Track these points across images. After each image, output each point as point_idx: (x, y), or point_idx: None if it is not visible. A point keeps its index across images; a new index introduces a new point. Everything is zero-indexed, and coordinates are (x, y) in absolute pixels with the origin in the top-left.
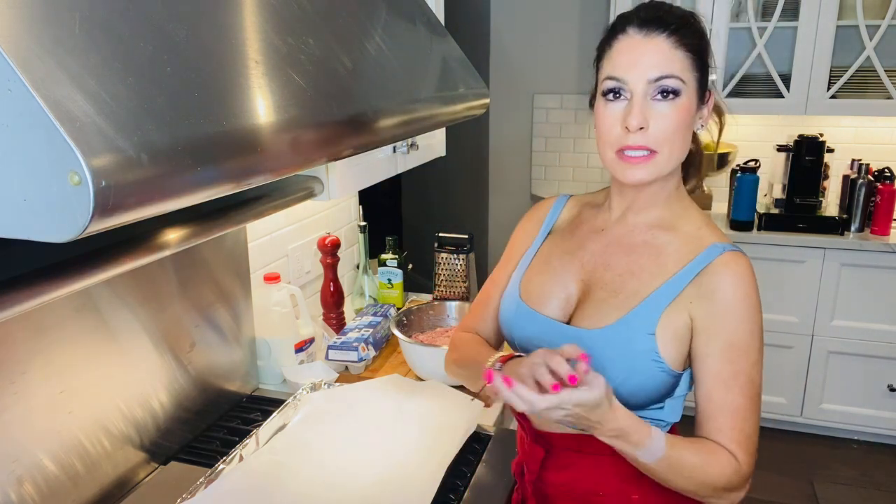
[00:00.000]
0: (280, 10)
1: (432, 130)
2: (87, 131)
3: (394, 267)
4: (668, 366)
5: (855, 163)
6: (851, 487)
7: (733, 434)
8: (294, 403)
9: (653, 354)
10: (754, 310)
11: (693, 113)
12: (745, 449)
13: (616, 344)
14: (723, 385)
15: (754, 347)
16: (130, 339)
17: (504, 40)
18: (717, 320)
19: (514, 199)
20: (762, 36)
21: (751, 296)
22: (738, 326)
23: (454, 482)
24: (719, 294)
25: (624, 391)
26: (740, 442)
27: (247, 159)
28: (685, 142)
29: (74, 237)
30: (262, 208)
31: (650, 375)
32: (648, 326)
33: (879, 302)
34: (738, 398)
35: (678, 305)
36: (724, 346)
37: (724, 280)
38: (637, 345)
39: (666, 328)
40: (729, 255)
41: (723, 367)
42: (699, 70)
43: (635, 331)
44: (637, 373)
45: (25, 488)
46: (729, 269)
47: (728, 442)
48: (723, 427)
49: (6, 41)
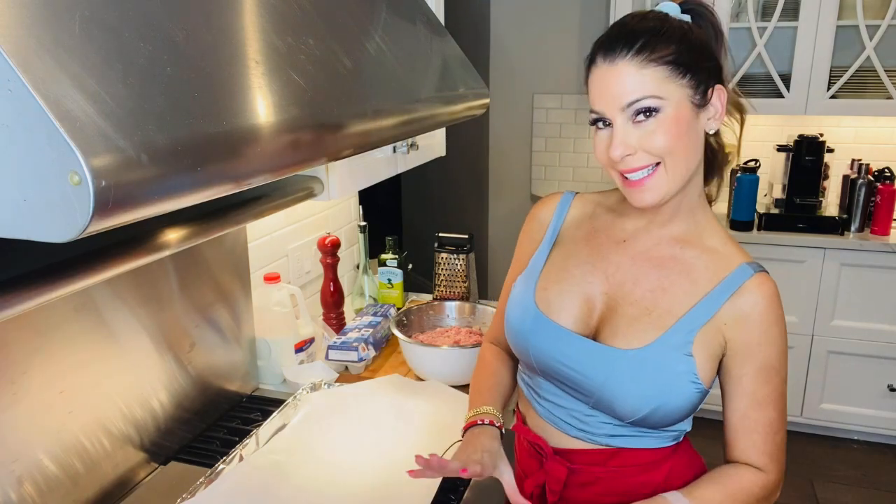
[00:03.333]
0: (280, 10)
1: (432, 130)
2: (87, 131)
3: (394, 267)
4: (704, 385)
5: (855, 163)
6: (851, 487)
7: (766, 447)
8: (294, 403)
9: (691, 376)
10: (783, 330)
11: (691, 119)
12: (776, 459)
13: (654, 365)
14: (758, 404)
15: (784, 365)
16: (130, 339)
17: (504, 40)
18: (753, 343)
19: (514, 199)
20: (762, 36)
21: (782, 318)
22: (772, 349)
23: (454, 482)
24: (754, 317)
25: (660, 413)
26: (772, 454)
27: (247, 159)
28: (691, 150)
29: (74, 237)
30: (262, 208)
31: (687, 396)
32: (686, 347)
33: (879, 302)
34: (771, 413)
35: (713, 326)
36: (759, 367)
37: (759, 304)
38: (676, 366)
39: (702, 349)
40: (761, 277)
41: (758, 388)
42: (684, 75)
43: (674, 351)
44: (675, 394)
45: (25, 488)
46: (762, 293)
47: (760, 455)
48: (757, 442)
49: (6, 41)
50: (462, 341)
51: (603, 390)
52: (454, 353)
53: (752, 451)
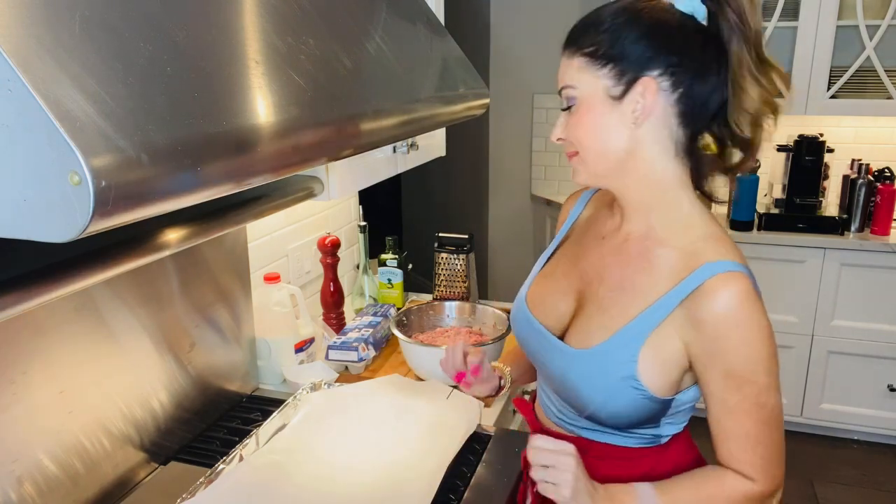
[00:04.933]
0: (280, 10)
1: (432, 130)
2: (87, 131)
3: (394, 267)
4: (651, 392)
5: (855, 163)
6: (851, 487)
7: (746, 457)
8: (294, 403)
9: (632, 382)
10: (754, 335)
11: (604, 111)
12: (763, 470)
13: (597, 367)
14: (729, 413)
15: (760, 373)
16: (130, 339)
17: (504, 40)
18: (710, 349)
19: (514, 199)
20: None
21: (746, 322)
22: (736, 355)
23: (454, 482)
24: (709, 321)
25: (603, 414)
26: (755, 465)
27: (247, 159)
28: (605, 142)
29: (74, 237)
30: (262, 208)
31: (629, 401)
32: (631, 352)
33: (879, 302)
34: (746, 423)
35: (666, 330)
36: (722, 374)
37: (714, 305)
38: (618, 370)
39: (651, 355)
40: (722, 276)
41: (727, 395)
42: (603, 66)
43: (617, 355)
44: (616, 399)
45: (25, 488)
46: (718, 295)
47: (742, 466)
48: (734, 452)
49: (6, 41)
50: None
51: (562, 386)
52: None
53: (732, 459)
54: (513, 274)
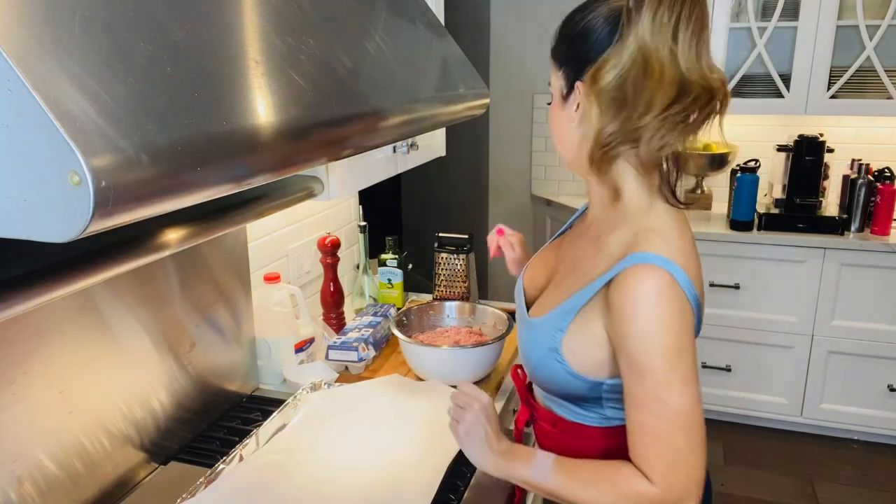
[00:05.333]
0: (280, 10)
1: (432, 130)
2: (87, 131)
3: (394, 267)
4: (571, 368)
5: (855, 163)
6: (851, 487)
7: (643, 453)
8: (294, 403)
9: (555, 354)
10: (655, 327)
11: (558, 109)
12: (659, 472)
13: (534, 336)
14: (633, 403)
15: (658, 366)
16: (130, 339)
17: (504, 40)
18: (617, 336)
19: (514, 199)
20: (762, 36)
21: (647, 313)
22: (636, 345)
23: (454, 482)
24: (616, 308)
25: (537, 380)
26: (651, 463)
27: (247, 159)
28: (563, 139)
29: (74, 237)
30: (262, 208)
31: (553, 372)
32: (559, 326)
33: (879, 302)
34: (645, 417)
35: (590, 311)
36: (626, 363)
37: (622, 295)
38: (546, 342)
39: (575, 331)
40: (638, 267)
41: (631, 385)
42: (559, 67)
43: (548, 328)
44: (543, 367)
45: (25, 488)
46: (628, 284)
47: (640, 461)
48: (635, 445)
49: (6, 41)
50: (462, 341)
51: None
52: (454, 353)
53: (633, 453)
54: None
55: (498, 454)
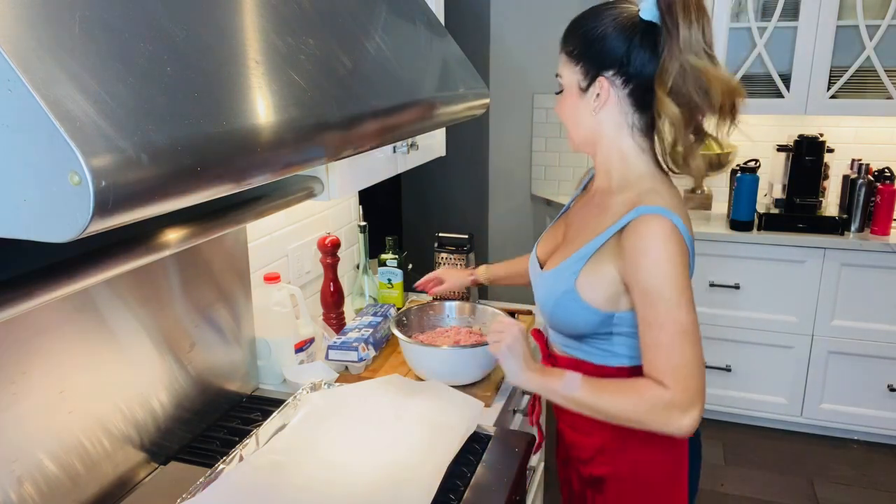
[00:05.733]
0: (280, 10)
1: (432, 130)
2: (87, 131)
3: (394, 267)
4: (587, 304)
5: (855, 163)
6: (851, 487)
7: (660, 364)
8: (294, 403)
9: (572, 294)
10: (660, 259)
11: (576, 99)
12: (675, 378)
13: (552, 282)
14: (647, 326)
15: (671, 291)
16: (130, 339)
17: (504, 40)
18: (632, 272)
19: (514, 199)
20: (762, 36)
21: (656, 248)
22: (649, 275)
23: (454, 482)
24: (628, 249)
25: (555, 319)
26: (666, 372)
27: (247, 159)
28: (578, 125)
29: (74, 237)
30: (262, 208)
31: (569, 311)
32: (574, 270)
33: (879, 302)
34: (659, 335)
35: (601, 257)
36: (640, 292)
37: (635, 237)
38: (563, 285)
39: (589, 273)
40: (645, 216)
41: (646, 311)
42: (577, 63)
43: (564, 273)
44: (561, 307)
45: (25, 488)
46: (640, 229)
47: (657, 373)
48: (651, 360)
49: (6, 41)
50: (462, 341)
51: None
52: (454, 353)
53: (650, 368)
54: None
55: (534, 370)
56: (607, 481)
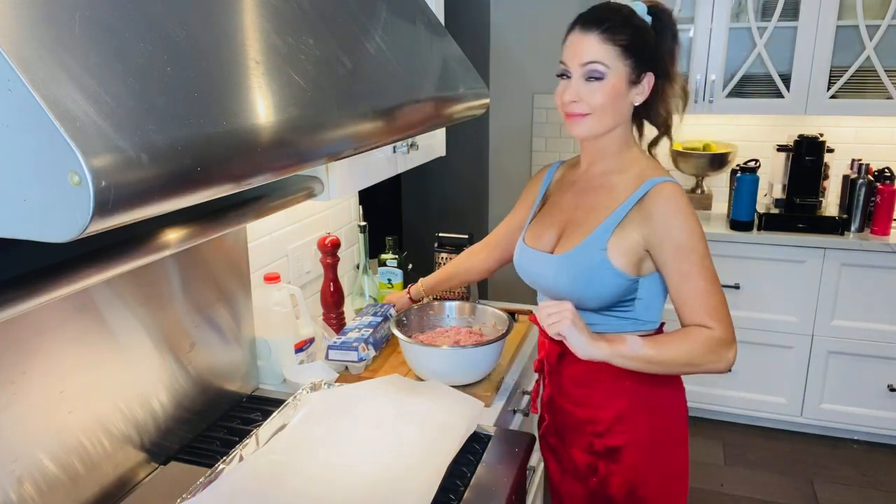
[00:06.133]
0: (280, 10)
1: (432, 130)
2: (87, 131)
3: (394, 267)
4: (620, 270)
5: (855, 163)
6: (851, 487)
7: (705, 309)
8: (294, 403)
9: (606, 264)
10: (687, 218)
11: (623, 90)
12: (717, 317)
13: (578, 261)
14: (684, 277)
15: (698, 243)
16: (130, 339)
17: (504, 40)
18: (661, 233)
19: (514, 199)
20: (762, 36)
21: (681, 208)
22: (679, 232)
23: (454, 482)
24: (655, 213)
25: (586, 296)
26: (710, 313)
27: (247, 159)
28: (617, 111)
29: (74, 237)
30: (262, 208)
31: (604, 281)
32: (601, 244)
33: (879, 302)
34: (699, 282)
35: (625, 226)
36: (673, 250)
37: (657, 202)
38: (593, 259)
39: (616, 244)
40: (661, 184)
41: (680, 266)
42: (628, 58)
43: (591, 249)
44: (594, 281)
45: (25, 488)
46: (661, 194)
47: (701, 317)
48: (694, 306)
49: (6, 41)
50: (462, 341)
51: (555, 288)
52: (454, 353)
53: (694, 315)
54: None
55: (599, 339)
56: (624, 449)
